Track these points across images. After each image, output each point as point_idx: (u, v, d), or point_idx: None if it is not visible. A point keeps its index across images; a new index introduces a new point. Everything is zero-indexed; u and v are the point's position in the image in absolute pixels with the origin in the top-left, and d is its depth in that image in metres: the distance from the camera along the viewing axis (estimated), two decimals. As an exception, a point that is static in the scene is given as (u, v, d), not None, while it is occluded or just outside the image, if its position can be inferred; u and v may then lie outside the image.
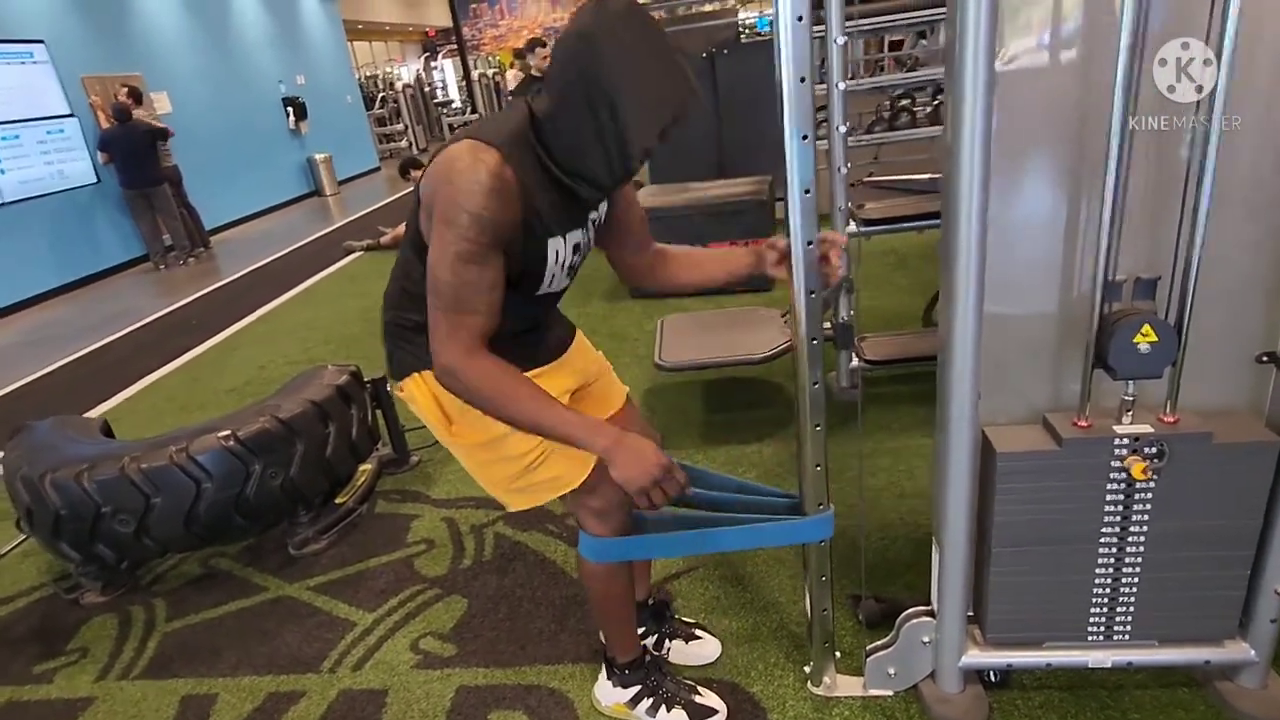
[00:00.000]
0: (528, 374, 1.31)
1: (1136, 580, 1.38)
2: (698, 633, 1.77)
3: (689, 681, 1.62)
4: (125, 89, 7.14)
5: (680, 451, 2.64)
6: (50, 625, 2.20)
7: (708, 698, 1.59)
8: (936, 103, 5.13)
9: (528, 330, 1.37)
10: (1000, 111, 1.14)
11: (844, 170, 2.55)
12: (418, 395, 1.33)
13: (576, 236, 1.27)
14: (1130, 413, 1.29)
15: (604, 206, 1.35)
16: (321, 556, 2.33)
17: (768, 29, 5.04)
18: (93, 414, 3.61)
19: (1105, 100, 1.11)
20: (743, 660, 1.73)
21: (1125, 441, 1.27)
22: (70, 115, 7.02)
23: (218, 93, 9.35)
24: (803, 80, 1.15)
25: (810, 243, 1.26)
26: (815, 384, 1.35)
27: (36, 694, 1.94)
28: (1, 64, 6.46)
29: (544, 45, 6.69)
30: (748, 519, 1.46)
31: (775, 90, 1.18)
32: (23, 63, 6.68)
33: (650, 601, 1.76)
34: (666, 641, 1.75)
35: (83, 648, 2.09)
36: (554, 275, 1.27)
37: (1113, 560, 1.37)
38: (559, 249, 1.24)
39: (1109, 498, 1.33)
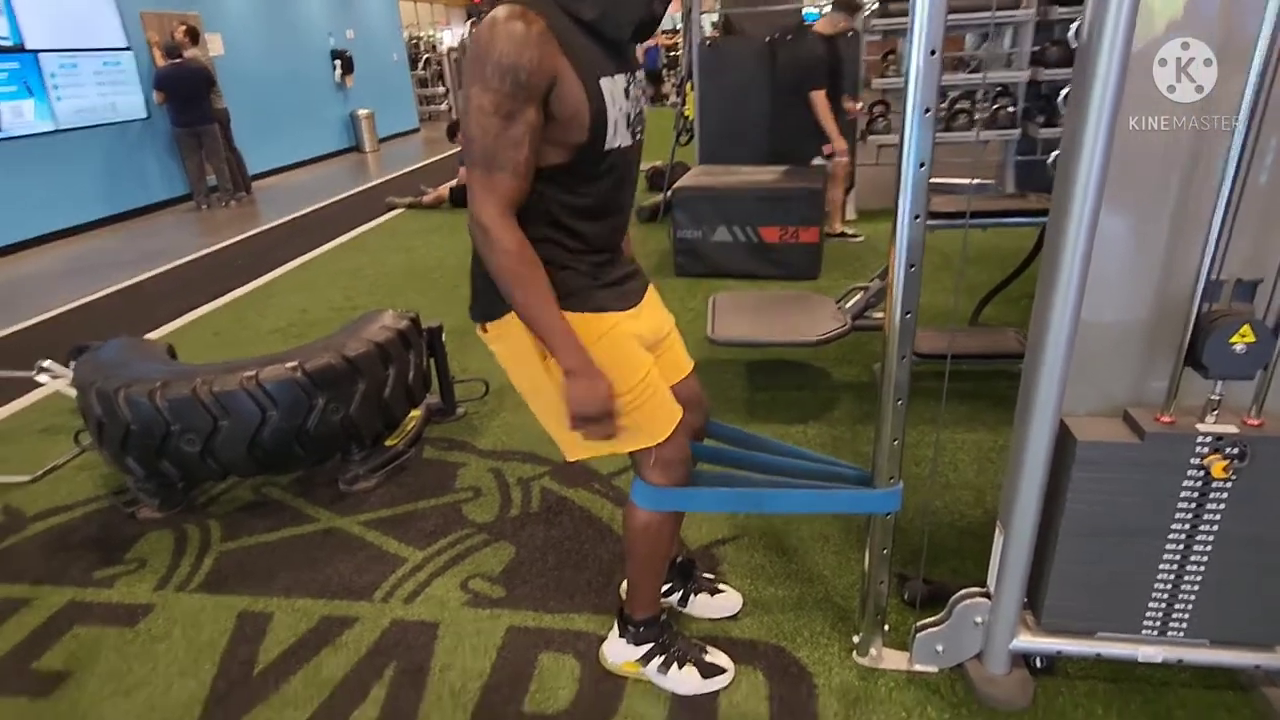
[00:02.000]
0: (628, 313, 1.35)
1: (1199, 579, 1.40)
2: (720, 586, 1.82)
3: (698, 641, 1.66)
4: (183, 27, 7.18)
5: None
6: (108, 536, 2.27)
7: (717, 656, 1.63)
8: (995, 107, 5.10)
9: (612, 257, 1.38)
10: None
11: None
12: (510, 332, 1.32)
13: (625, 81, 1.25)
14: (1215, 412, 1.30)
15: (641, 74, 1.35)
16: (371, 495, 2.39)
17: (815, 22, 4.99)
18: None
19: (1222, 110, 1.12)
20: (789, 626, 1.76)
21: (1208, 440, 1.29)
22: (126, 49, 7.08)
23: (269, 40, 9.39)
24: (933, 53, 1.17)
25: (918, 216, 1.28)
26: (904, 358, 1.37)
27: (98, 596, 2.01)
28: (64, -10, 6.52)
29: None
30: (814, 484, 1.49)
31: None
32: (84, -8, 6.73)
33: (679, 559, 1.80)
34: (692, 596, 1.79)
35: (140, 559, 2.15)
36: (616, 123, 1.23)
37: (1178, 557, 1.40)
38: (613, 90, 1.21)
39: (1184, 495, 1.34)
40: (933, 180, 1.26)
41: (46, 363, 2.81)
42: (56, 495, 2.49)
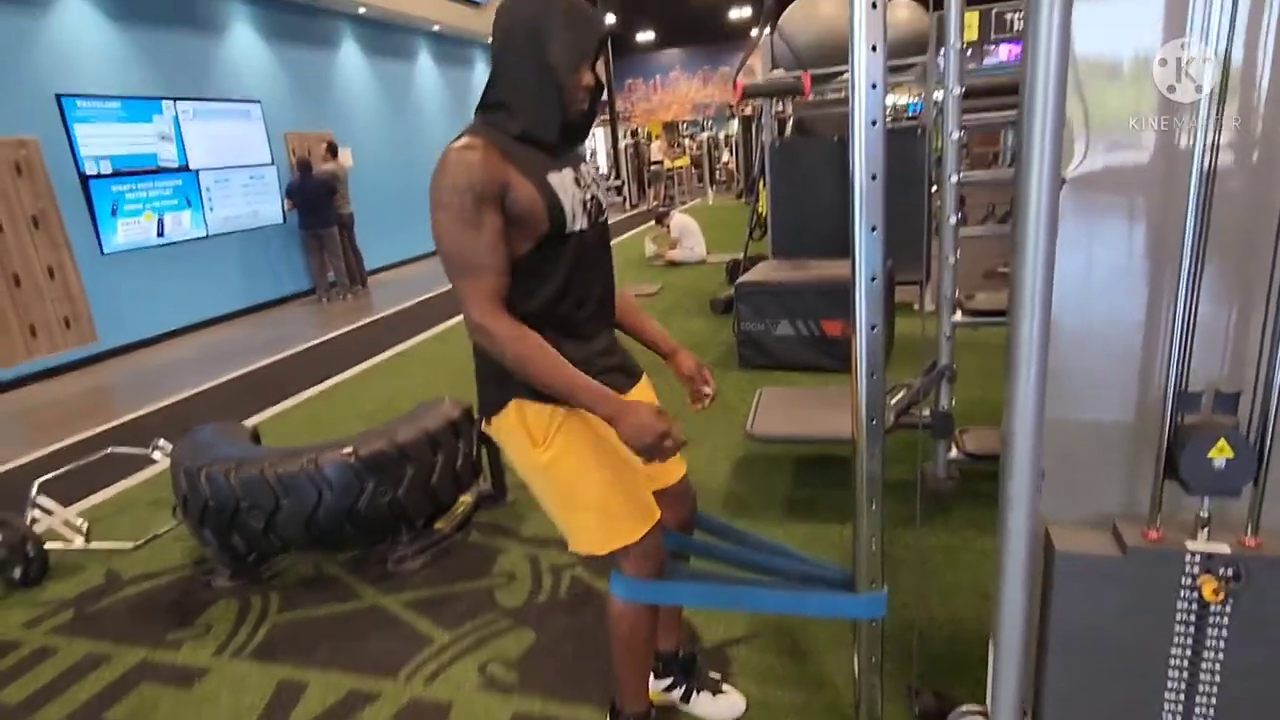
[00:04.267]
0: None
1: (1212, 708, 1.30)
2: (724, 687, 1.80)
3: None
4: (325, 144, 8.17)
5: (761, 523, 2.67)
6: (185, 601, 2.51)
7: None
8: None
9: (597, 332, 1.49)
10: (1074, 203, 1.19)
11: (953, 260, 2.57)
12: (509, 424, 1.43)
13: (572, 173, 1.39)
14: (1206, 529, 1.24)
15: (585, 168, 1.47)
16: (415, 575, 2.53)
17: (919, 113, 5.08)
18: (247, 423, 4.09)
19: (1184, 184, 1.12)
20: (790, 734, 1.73)
21: (1197, 559, 1.23)
22: (270, 164, 8.09)
23: (392, 152, 10.46)
24: (874, 178, 1.25)
25: (874, 327, 1.33)
26: (872, 457, 1.40)
27: (165, 657, 2.22)
28: (227, 118, 7.60)
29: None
30: (794, 585, 1.49)
31: (908, 176, 1.27)
32: (242, 119, 7.82)
33: (680, 654, 1.80)
34: (694, 694, 1.78)
35: (208, 624, 2.37)
36: (574, 210, 1.37)
37: (1183, 684, 1.30)
38: (562, 181, 1.36)
39: (1179, 617, 1.27)
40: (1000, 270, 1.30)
41: (160, 441, 3.19)
42: (151, 562, 2.79)
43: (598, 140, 21.53)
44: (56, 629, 2.42)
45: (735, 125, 16.03)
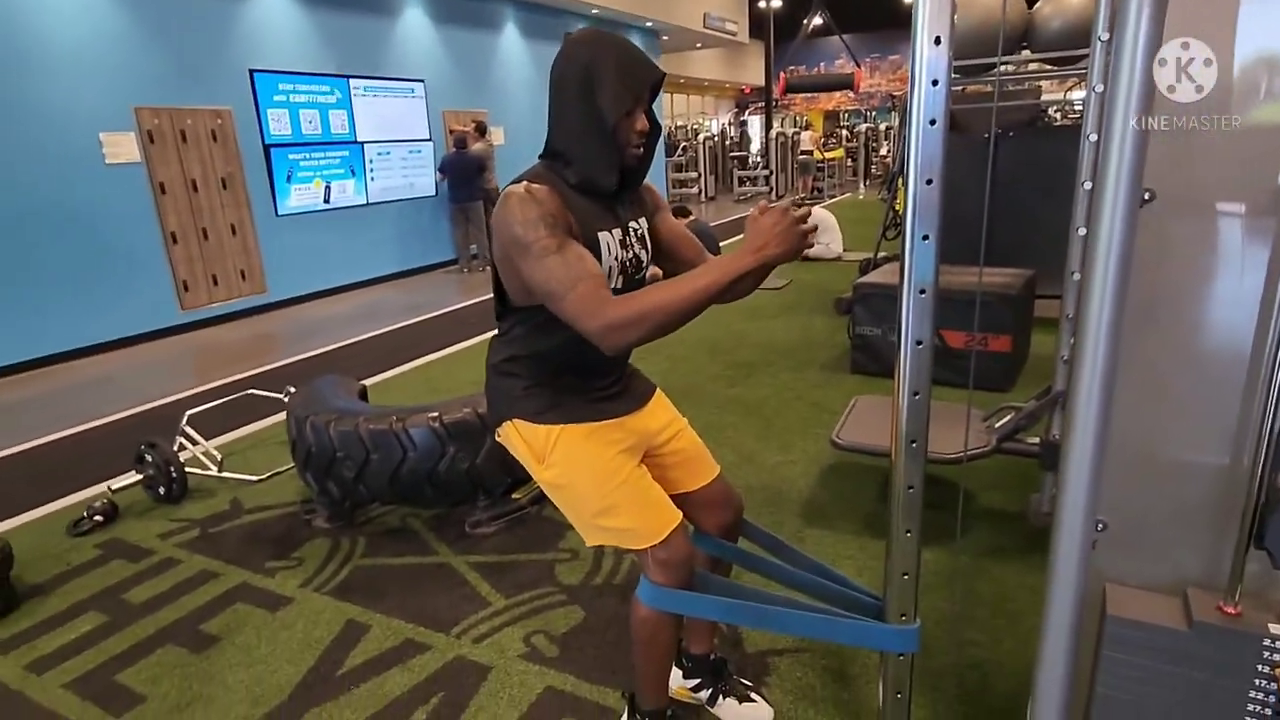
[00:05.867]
0: (606, 423, 1.46)
1: (1285, 824, 1.11)
2: (753, 695, 1.75)
3: None
4: (475, 123, 8.61)
5: (836, 534, 2.57)
6: (287, 535, 2.77)
7: None
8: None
9: (603, 371, 1.48)
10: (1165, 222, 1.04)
11: (1077, 276, 2.33)
12: (512, 439, 1.49)
13: (619, 235, 1.42)
14: (1297, 613, 1.06)
15: (644, 222, 1.49)
16: (487, 540, 2.65)
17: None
18: (369, 380, 4.42)
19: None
20: (813, 757, 1.66)
21: (1277, 645, 1.05)
22: (428, 140, 8.63)
23: (542, 130, 10.80)
24: (929, 183, 1.15)
25: (920, 343, 1.23)
26: (910, 489, 1.30)
27: (261, 583, 2.47)
28: (393, 95, 8.18)
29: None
30: (821, 607, 1.42)
31: (1061, 181, 1.17)
32: (406, 96, 8.39)
33: (712, 657, 1.77)
34: (720, 698, 1.75)
35: (301, 558, 2.60)
36: (610, 268, 1.38)
37: (1253, 789, 1.12)
38: (609, 241, 1.39)
39: (1251, 709, 1.09)
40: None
41: (291, 388, 3.51)
42: (269, 496, 3.09)
43: (753, 129, 21.24)
44: (182, 544, 2.75)
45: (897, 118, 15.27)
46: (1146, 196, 1.08)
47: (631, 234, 1.45)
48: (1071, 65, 4.77)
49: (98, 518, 2.89)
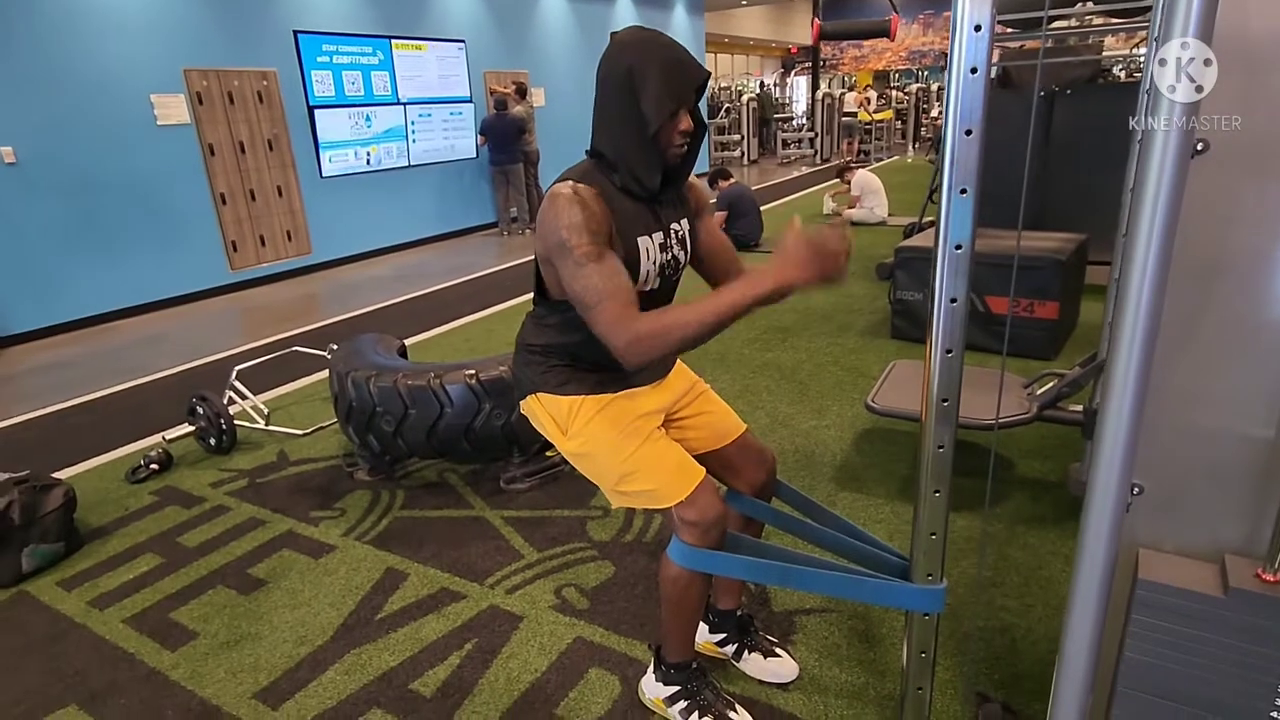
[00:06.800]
0: (624, 393, 1.49)
1: (1316, 795, 1.09)
2: (778, 651, 1.78)
3: (728, 695, 1.65)
4: (515, 84, 8.56)
5: (870, 498, 2.56)
6: (331, 486, 2.86)
7: (742, 715, 1.61)
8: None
9: (613, 369, 1.47)
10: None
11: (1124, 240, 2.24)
12: (536, 412, 1.53)
13: (660, 238, 1.43)
14: (1340, 583, 1.03)
15: (685, 223, 1.50)
16: (521, 495, 2.70)
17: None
18: (409, 340, 4.50)
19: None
20: (837, 714, 1.68)
21: (1317, 615, 1.02)
22: (469, 101, 8.62)
23: (583, 91, 10.73)
24: (968, 134, 1.12)
25: (954, 300, 1.21)
26: (940, 448, 1.29)
27: (306, 531, 2.56)
28: (434, 55, 8.17)
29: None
30: (848, 567, 1.43)
31: (1121, 141, 1.14)
32: (448, 56, 8.36)
33: (740, 613, 1.80)
34: (746, 653, 1.77)
35: (343, 509, 2.69)
36: (648, 271, 1.41)
37: (1283, 758, 1.10)
38: (648, 246, 1.41)
39: (1286, 678, 1.07)
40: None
41: (333, 346, 3.60)
42: (313, 449, 3.20)
43: (799, 90, 20.66)
44: (232, 493, 2.86)
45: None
46: (1199, 147, 1.03)
47: (672, 235, 1.47)
48: (1137, 18, 4.52)
49: (154, 466, 3.03)
